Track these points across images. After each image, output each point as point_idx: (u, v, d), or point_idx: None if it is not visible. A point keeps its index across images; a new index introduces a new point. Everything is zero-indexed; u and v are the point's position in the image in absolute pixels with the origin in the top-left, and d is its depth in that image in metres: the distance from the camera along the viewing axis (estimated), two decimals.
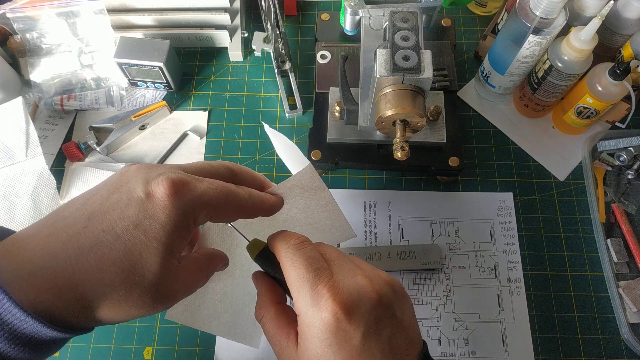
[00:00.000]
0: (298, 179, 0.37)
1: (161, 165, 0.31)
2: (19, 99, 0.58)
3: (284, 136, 0.55)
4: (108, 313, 0.27)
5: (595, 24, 0.48)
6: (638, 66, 0.53)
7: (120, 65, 0.59)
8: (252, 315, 0.39)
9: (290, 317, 0.32)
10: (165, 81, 0.61)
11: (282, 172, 0.60)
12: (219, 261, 0.35)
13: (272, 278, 0.34)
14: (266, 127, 0.57)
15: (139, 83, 0.63)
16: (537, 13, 0.48)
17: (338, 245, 0.55)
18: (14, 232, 0.29)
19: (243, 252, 0.38)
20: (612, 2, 0.54)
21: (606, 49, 0.56)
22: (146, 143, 0.61)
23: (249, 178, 0.35)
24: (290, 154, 0.54)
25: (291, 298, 0.32)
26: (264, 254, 0.34)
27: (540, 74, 0.55)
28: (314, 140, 0.57)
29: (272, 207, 0.35)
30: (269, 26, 0.63)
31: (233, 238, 0.39)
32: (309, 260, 0.30)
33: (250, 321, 0.42)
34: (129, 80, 0.62)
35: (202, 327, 0.39)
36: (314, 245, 0.33)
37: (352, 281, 0.30)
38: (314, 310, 0.29)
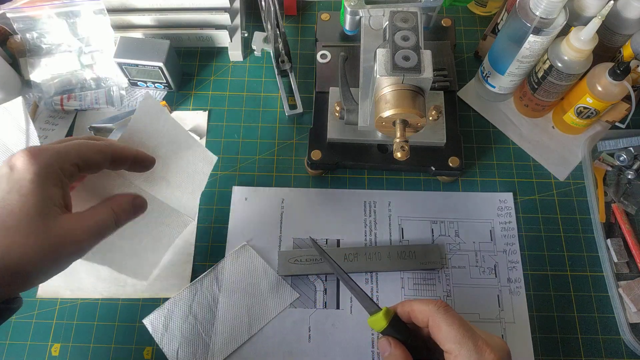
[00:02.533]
0: (140, 115, 0.42)
1: None
2: (19, 99, 0.58)
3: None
4: (25, 270, 0.32)
5: (595, 24, 0.48)
6: (638, 66, 0.53)
7: (120, 65, 0.59)
8: (144, 253, 0.47)
9: None
10: (165, 81, 0.61)
11: (282, 173, 0.60)
12: (114, 201, 0.39)
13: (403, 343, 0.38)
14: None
15: (139, 83, 0.63)
16: (537, 13, 0.48)
17: None
18: None
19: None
20: (612, 2, 0.54)
21: (606, 49, 0.56)
22: None
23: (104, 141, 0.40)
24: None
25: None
26: (396, 321, 0.39)
27: (540, 74, 0.55)
28: (314, 140, 0.57)
29: (138, 156, 0.40)
30: (269, 26, 0.63)
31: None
32: (462, 321, 0.36)
33: (140, 258, 0.47)
34: (129, 80, 0.62)
35: (106, 262, 0.43)
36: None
37: (494, 341, 0.36)
38: None
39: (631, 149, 0.58)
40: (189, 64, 0.66)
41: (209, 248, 0.56)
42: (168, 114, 0.45)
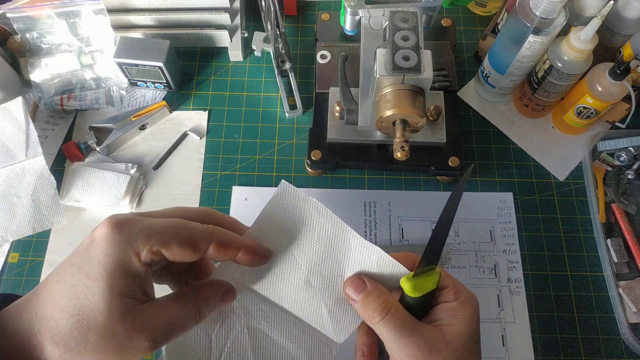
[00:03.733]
0: (275, 204, 0.34)
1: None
2: (19, 99, 0.58)
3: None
4: None
5: (595, 24, 0.48)
6: (638, 66, 0.53)
7: (120, 65, 0.59)
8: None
9: None
10: (165, 81, 0.61)
11: (282, 173, 0.60)
12: (217, 291, 0.33)
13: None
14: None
15: (139, 83, 0.63)
16: (537, 13, 0.48)
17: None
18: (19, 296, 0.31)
19: (250, 299, 0.36)
20: (612, 2, 0.54)
21: (606, 49, 0.56)
22: (146, 143, 0.61)
23: (223, 220, 0.34)
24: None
25: None
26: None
27: (540, 74, 0.55)
28: (314, 140, 0.57)
29: (250, 248, 0.33)
30: (269, 26, 0.63)
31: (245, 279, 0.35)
32: (396, 326, 0.32)
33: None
34: (129, 80, 0.62)
35: None
36: None
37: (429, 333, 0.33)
38: None
39: (631, 149, 0.58)
40: (189, 64, 0.66)
41: None
42: (316, 203, 0.35)
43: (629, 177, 0.58)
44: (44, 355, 0.27)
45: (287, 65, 0.63)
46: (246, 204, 0.58)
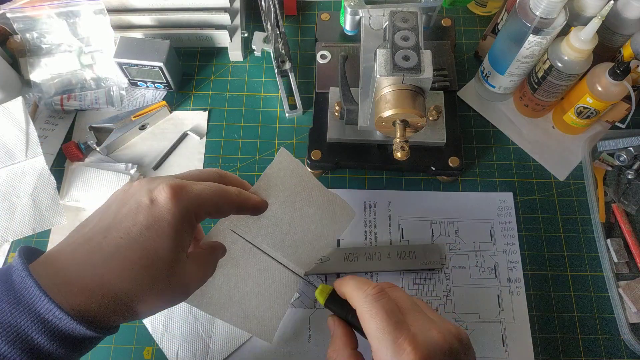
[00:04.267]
0: (275, 167, 0.44)
1: (159, 176, 0.36)
2: (19, 99, 0.58)
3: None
4: (138, 307, 0.31)
5: (595, 24, 0.48)
6: (638, 66, 0.53)
7: (120, 65, 0.59)
8: (262, 313, 0.47)
9: None
10: (165, 81, 0.61)
11: None
12: (219, 250, 0.41)
13: (344, 321, 0.38)
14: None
15: (139, 83, 0.63)
16: (537, 13, 0.48)
17: (338, 243, 0.55)
18: (43, 251, 0.33)
19: (242, 251, 0.45)
20: (612, 2, 0.54)
21: (606, 49, 0.56)
22: (146, 143, 0.61)
23: (235, 181, 0.41)
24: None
25: (364, 337, 0.35)
26: (333, 298, 0.39)
27: (540, 74, 0.55)
28: (314, 140, 0.57)
29: (256, 205, 0.41)
30: (269, 26, 0.63)
31: (228, 238, 0.44)
32: (388, 313, 0.33)
33: (260, 318, 0.47)
34: (129, 80, 0.62)
35: (217, 314, 0.44)
36: (389, 295, 0.35)
37: (427, 335, 0.32)
38: None
39: (631, 149, 0.58)
40: (189, 64, 0.66)
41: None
42: (304, 168, 0.46)
43: (629, 177, 0.58)
44: (114, 301, 0.30)
45: (287, 65, 0.63)
46: None
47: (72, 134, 0.62)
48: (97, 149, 0.58)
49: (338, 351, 0.37)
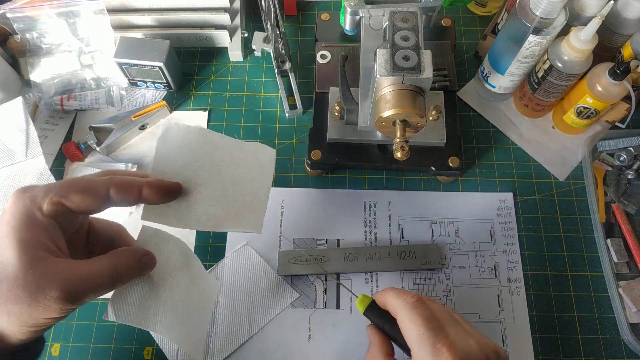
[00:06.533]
0: (169, 144, 0.38)
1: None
2: (19, 99, 0.58)
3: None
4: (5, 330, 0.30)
5: (595, 24, 0.48)
6: (638, 66, 0.53)
7: (120, 65, 0.59)
8: (202, 327, 0.45)
9: None
10: (165, 81, 0.61)
11: (282, 173, 0.60)
12: (136, 253, 0.35)
13: (381, 330, 0.39)
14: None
15: (139, 83, 0.63)
16: (537, 13, 0.48)
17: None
18: None
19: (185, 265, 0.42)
20: (612, 2, 0.54)
21: (606, 49, 0.56)
22: (146, 143, 0.61)
23: (128, 174, 0.37)
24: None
25: (404, 350, 0.37)
26: (373, 308, 0.40)
27: (540, 74, 0.55)
28: (314, 140, 0.57)
29: (153, 184, 0.36)
30: (269, 26, 0.63)
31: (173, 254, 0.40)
32: (427, 319, 0.34)
33: (197, 333, 0.44)
34: (129, 80, 0.62)
35: (145, 326, 0.37)
36: (427, 305, 0.36)
37: (465, 343, 0.34)
38: None
39: (631, 149, 0.58)
40: (189, 64, 0.66)
41: (209, 248, 0.56)
42: (197, 130, 0.40)
43: (629, 177, 0.58)
44: None
45: (287, 65, 0.63)
46: None
47: (72, 134, 0.62)
48: (97, 149, 0.58)
49: (375, 357, 0.38)
